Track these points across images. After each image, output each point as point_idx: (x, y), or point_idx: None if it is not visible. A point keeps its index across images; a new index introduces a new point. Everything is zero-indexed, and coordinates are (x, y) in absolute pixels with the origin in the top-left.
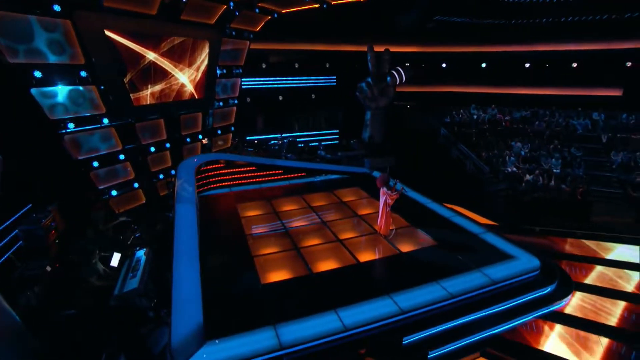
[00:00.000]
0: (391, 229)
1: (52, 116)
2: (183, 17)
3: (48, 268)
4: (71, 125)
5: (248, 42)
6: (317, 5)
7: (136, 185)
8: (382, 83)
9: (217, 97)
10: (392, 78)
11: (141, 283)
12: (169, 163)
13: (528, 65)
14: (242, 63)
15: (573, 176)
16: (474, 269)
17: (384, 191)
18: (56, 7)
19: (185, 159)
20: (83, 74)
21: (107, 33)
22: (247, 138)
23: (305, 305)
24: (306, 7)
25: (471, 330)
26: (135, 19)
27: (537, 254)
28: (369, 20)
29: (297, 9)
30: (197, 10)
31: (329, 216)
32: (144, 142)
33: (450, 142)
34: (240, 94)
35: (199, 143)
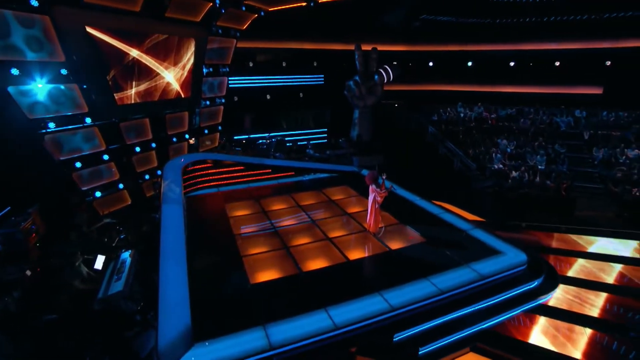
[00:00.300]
0: (380, 227)
1: (32, 115)
2: (168, 15)
3: (28, 272)
4: (52, 124)
5: (235, 41)
6: (304, 3)
7: (121, 186)
8: (370, 81)
9: (204, 96)
10: (380, 76)
11: (126, 285)
12: (155, 163)
13: (513, 64)
14: (229, 61)
15: (557, 172)
16: (463, 265)
17: (373, 189)
18: (34, 2)
19: (171, 159)
20: (64, 72)
21: (89, 30)
22: (235, 137)
23: (295, 304)
24: (293, 6)
25: (461, 325)
26: (117, 16)
27: (524, 249)
28: (356, 19)
29: (284, 7)
30: (182, 7)
31: (318, 215)
32: (129, 142)
33: (437, 140)
34: (227, 93)
35: (186, 143)
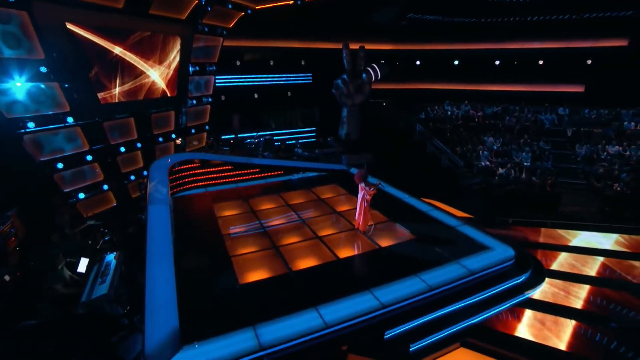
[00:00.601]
0: (370, 224)
1: (10, 115)
2: (152, 12)
3: (7, 277)
4: (31, 124)
5: (221, 39)
6: (291, 1)
7: (106, 187)
8: (358, 80)
9: (190, 95)
10: (368, 75)
11: (111, 288)
12: (141, 164)
13: (498, 62)
14: (216, 60)
15: (542, 169)
16: (452, 261)
17: (362, 187)
18: None
19: (158, 159)
20: (43, 70)
21: (69, 26)
22: (223, 137)
23: (285, 304)
24: (280, 4)
25: (451, 321)
26: (99, 12)
27: (512, 244)
28: (344, 18)
29: (271, 6)
30: (167, 4)
31: (308, 214)
32: (113, 142)
33: (425, 138)
34: (214, 92)
35: (172, 143)
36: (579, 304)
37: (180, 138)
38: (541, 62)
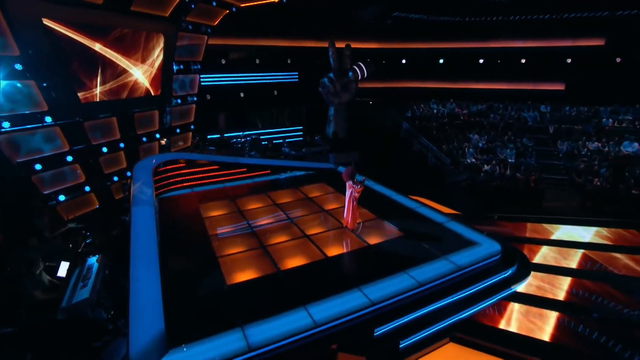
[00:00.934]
0: (358, 222)
1: None
2: (134, 9)
3: None
4: (6, 124)
5: (206, 37)
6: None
7: (87, 188)
8: (344, 78)
9: (175, 94)
10: (354, 73)
11: (93, 292)
12: (124, 164)
13: (482, 61)
14: (201, 59)
15: (526, 165)
16: (440, 257)
17: (350, 185)
18: None
19: (141, 160)
20: (18, 67)
21: (46, 22)
22: (209, 137)
23: (273, 303)
24: (265, 2)
25: (440, 316)
26: (78, 8)
27: (498, 239)
28: (330, 16)
29: (256, 3)
30: (149, 1)
31: (295, 213)
32: (95, 142)
33: (412, 136)
34: (199, 91)
35: (157, 143)
36: (562, 296)
37: (165, 138)
38: (523, 61)
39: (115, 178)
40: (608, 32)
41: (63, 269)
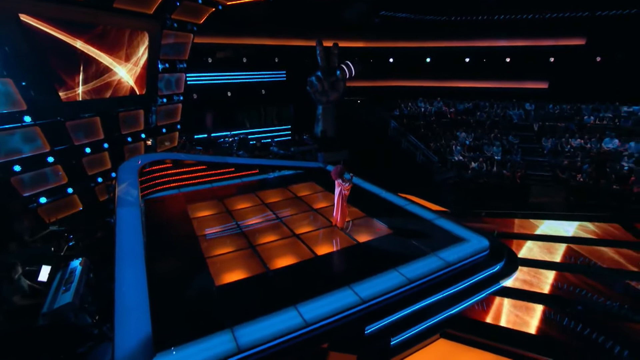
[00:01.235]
0: (347, 221)
1: None
2: (116, 5)
3: None
4: None
5: (192, 35)
6: None
7: (70, 190)
8: (332, 77)
9: (160, 94)
10: (342, 72)
11: (76, 296)
12: (109, 165)
13: (468, 60)
14: (187, 57)
15: (512, 162)
16: (430, 254)
17: (339, 183)
18: None
19: (126, 160)
20: None
21: (23, 18)
22: (196, 137)
23: (263, 304)
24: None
25: (430, 313)
26: (58, 4)
27: (486, 235)
28: (317, 15)
29: (243, 1)
30: None
31: (285, 212)
32: (77, 143)
33: (400, 134)
34: (185, 90)
35: (142, 143)
36: (547, 289)
37: (150, 138)
38: (508, 60)
39: (99, 179)
40: (588, 32)
41: (44, 273)
